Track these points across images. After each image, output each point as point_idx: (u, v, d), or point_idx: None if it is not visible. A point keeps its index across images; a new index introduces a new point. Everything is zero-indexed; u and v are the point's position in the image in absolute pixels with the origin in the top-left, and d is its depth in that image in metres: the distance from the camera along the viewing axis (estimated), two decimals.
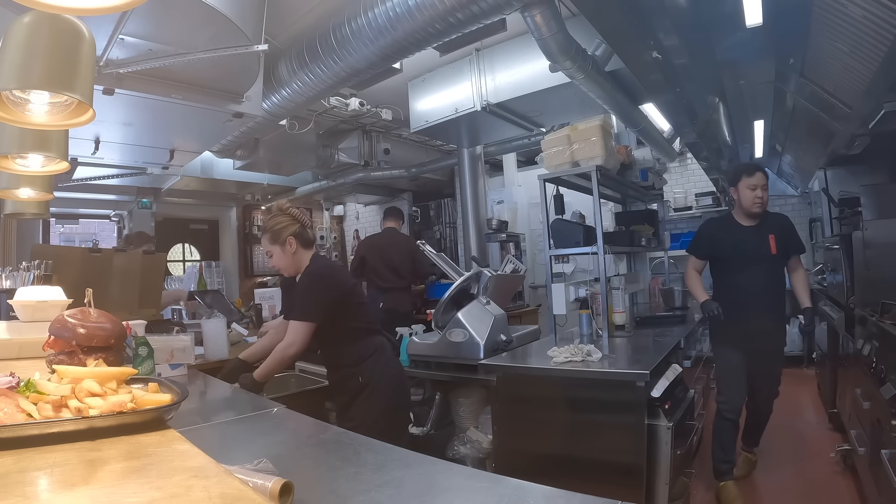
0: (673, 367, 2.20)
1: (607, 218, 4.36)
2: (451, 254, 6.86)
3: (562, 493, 0.88)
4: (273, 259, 2.07)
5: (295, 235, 2.05)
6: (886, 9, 1.72)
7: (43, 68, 0.99)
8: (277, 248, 2.04)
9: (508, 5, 2.20)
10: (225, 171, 5.07)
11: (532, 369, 2.14)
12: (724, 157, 4.95)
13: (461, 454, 2.30)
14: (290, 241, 2.03)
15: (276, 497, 0.83)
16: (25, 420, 0.81)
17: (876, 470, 2.03)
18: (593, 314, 2.62)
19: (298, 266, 2.07)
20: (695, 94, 3.16)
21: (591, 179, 2.79)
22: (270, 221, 2.07)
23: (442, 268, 2.68)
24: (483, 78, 3.56)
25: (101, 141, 3.03)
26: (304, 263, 2.06)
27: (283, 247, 2.04)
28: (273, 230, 2.05)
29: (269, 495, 0.83)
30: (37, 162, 1.48)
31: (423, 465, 1.04)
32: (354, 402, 1.99)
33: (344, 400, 2.04)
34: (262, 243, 2.12)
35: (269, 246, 2.06)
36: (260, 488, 0.84)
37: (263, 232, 2.08)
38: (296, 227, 2.06)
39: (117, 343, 1.23)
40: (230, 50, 2.10)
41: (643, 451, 1.80)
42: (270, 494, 0.83)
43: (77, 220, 6.79)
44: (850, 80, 2.39)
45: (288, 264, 2.06)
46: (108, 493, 0.63)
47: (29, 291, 1.87)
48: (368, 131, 5.32)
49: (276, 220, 2.07)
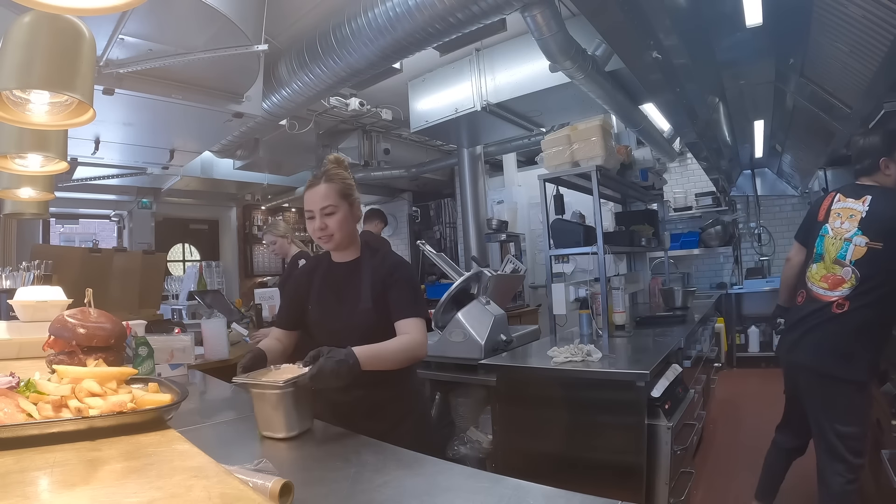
0: (673, 367, 2.20)
1: (607, 218, 4.37)
2: (451, 254, 6.86)
3: (562, 493, 0.88)
4: (334, 219, 1.48)
5: (359, 202, 1.59)
6: (886, 9, 1.72)
7: (43, 68, 0.99)
8: (346, 206, 1.51)
9: (508, 5, 2.20)
10: (225, 171, 5.07)
11: (532, 369, 2.14)
12: (724, 157, 4.95)
13: (461, 454, 2.30)
14: (358, 204, 1.57)
15: (277, 497, 0.83)
16: (25, 420, 0.81)
17: (876, 470, 2.03)
18: (593, 314, 2.62)
19: (353, 240, 1.58)
20: (695, 94, 3.16)
21: (591, 179, 2.79)
22: (339, 170, 1.55)
23: (442, 268, 2.68)
24: (483, 78, 3.56)
25: (101, 141, 3.03)
26: (358, 240, 1.61)
27: (353, 208, 1.53)
28: (346, 182, 1.53)
29: (269, 495, 0.83)
30: (36, 162, 1.48)
31: (423, 465, 1.04)
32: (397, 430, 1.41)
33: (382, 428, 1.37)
34: (313, 196, 1.49)
35: (337, 200, 1.49)
36: (260, 488, 0.84)
37: (326, 179, 1.50)
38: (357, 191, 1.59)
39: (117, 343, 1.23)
40: (230, 50, 2.10)
41: (643, 451, 1.80)
42: (270, 494, 0.83)
43: (77, 220, 6.78)
44: (850, 80, 2.39)
45: (348, 232, 1.53)
46: (108, 493, 0.63)
47: (29, 291, 1.87)
48: (368, 131, 5.32)
49: (342, 172, 1.55)
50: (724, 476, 2.67)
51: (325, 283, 1.58)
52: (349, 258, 1.58)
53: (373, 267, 1.53)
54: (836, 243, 2.07)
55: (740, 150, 5.51)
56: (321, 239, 1.51)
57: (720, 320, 4.76)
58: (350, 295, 1.53)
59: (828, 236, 2.10)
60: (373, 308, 1.48)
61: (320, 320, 1.57)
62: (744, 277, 5.93)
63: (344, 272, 1.57)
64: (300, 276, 1.67)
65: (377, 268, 1.53)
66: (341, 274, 1.57)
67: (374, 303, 1.48)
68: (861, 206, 2.05)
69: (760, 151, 5.38)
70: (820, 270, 2.11)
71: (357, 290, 1.52)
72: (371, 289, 1.50)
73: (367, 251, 1.58)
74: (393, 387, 1.50)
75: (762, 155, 5.51)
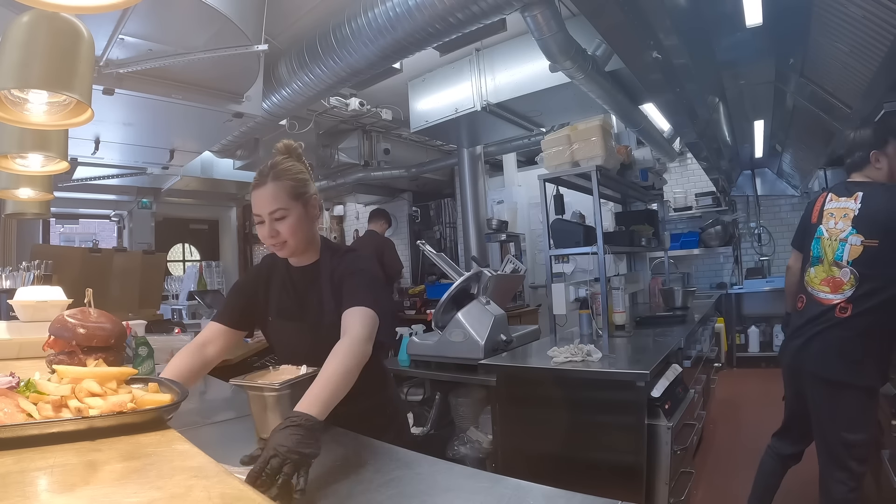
0: (673, 367, 2.20)
1: (607, 218, 4.36)
2: (451, 254, 6.86)
3: (562, 493, 0.88)
4: (285, 223, 1.29)
5: (317, 196, 1.40)
6: (886, 9, 1.72)
7: (41, 68, 0.99)
8: (299, 206, 1.32)
9: (508, 5, 2.20)
10: (225, 171, 5.08)
11: (532, 369, 2.14)
12: (724, 157, 4.96)
13: (461, 454, 2.30)
14: (314, 202, 1.37)
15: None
16: (25, 420, 0.81)
17: (876, 470, 2.03)
18: (593, 314, 2.62)
19: (311, 241, 1.39)
20: (695, 94, 3.16)
21: (591, 179, 2.79)
22: (288, 164, 1.34)
23: (442, 268, 2.68)
24: (483, 78, 3.56)
25: (101, 141, 3.03)
26: (317, 242, 1.42)
27: (307, 207, 1.34)
28: (297, 178, 1.33)
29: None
30: (36, 162, 1.49)
31: (423, 465, 1.04)
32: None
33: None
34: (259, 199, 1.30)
35: (288, 202, 1.29)
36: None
37: (274, 178, 1.30)
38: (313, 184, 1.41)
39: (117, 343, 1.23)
40: (230, 50, 2.10)
41: (643, 451, 1.80)
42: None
43: (77, 220, 6.79)
44: (850, 80, 2.39)
45: (304, 235, 1.34)
46: (107, 493, 0.63)
47: (29, 291, 1.87)
48: (368, 131, 5.32)
49: (294, 165, 1.35)
50: (724, 476, 2.67)
51: (285, 291, 1.41)
52: (307, 262, 1.41)
53: (331, 269, 1.37)
54: (832, 244, 2.02)
55: (740, 150, 5.51)
56: (274, 246, 1.33)
57: (720, 320, 4.76)
58: (311, 307, 1.36)
59: (823, 238, 2.06)
60: (336, 314, 1.28)
61: (283, 339, 1.42)
62: (744, 277, 5.93)
63: (302, 279, 1.40)
64: (256, 279, 1.47)
65: (335, 267, 1.36)
66: (300, 281, 1.41)
67: (336, 309, 1.29)
68: (854, 204, 1.99)
69: (760, 151, 5.38)
70: (819, 274, 2.06)
71: (318, 296, 1.36)
72: (333, 297, 1.33)
73: (328, 252, 1.41)
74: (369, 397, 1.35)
75: (762, 155, 5.51)
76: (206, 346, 1.37)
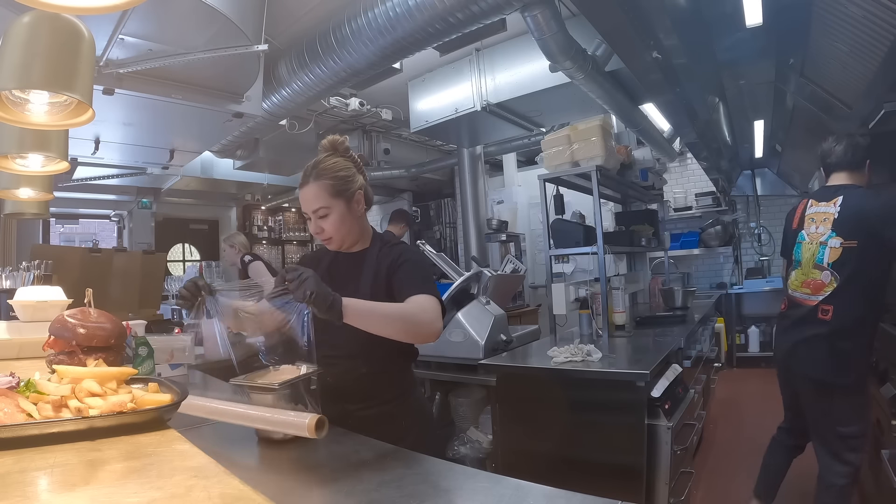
0: (673, 367, 2.20)
1: (607, 218, 4.36)
2: (451, 254, 6.86)
3: (562, 493, 0.88)
4: (328, 221, 1.34)
5: (363, 190, 1.41)
6: (886, 9, 1.72)
7: (42, 68, 0.99)
8: (342, 203, 1.34)
9: (508, 5, 2.20)
10: (225, 171, 5.08)
11: (532, 369, 2.14)
12: (724, 157, 4.96)
13: (461, 454, 2.30)
14: (358, 197, 1.39)
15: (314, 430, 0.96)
16: (25, 420, 0.81)
17: (876, 470, 2.03)
18: (593, 314, 2.62)
19: (360, 234, 1.42)
20: (695, 94, 3.16)
21: (591, 179, 2.79)
22: (331, 163, 1.36)
23: (442, 268, 2.68)
24: (483, 78, 3.56)
25: (101, 141, 3.03)
26: (369, 233, 1.46)
27: (351, 203, 1.36)
28: (338, 175, 1.35)
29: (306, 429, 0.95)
30: (37, 162, 1.49)
31: (423, 465, 1.04)
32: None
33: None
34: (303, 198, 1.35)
35: (329, 200, 1.33)
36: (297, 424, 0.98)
37: (315, 177, 1.34)
38: (361, 177, 1.41)
39: (117, 343, 1.23)
40: (230, 50, 2.10)
41: (643, 451, 1.80)
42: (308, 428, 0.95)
43: (77, 220, 6.79)
44: (850, 80, 2.39)
45: (349, 230, 1.38)
46: (108, 493, 0.63)
47: (29, 291, 1.87)
48: (368, 131, 5.32)
49: (337, 162, 1.37)
50: (724, 476, 2.67)
51: (327, 273, 1.44)
52: (356, 250, 1.45)
53: (378, 257, 1.39)
54: (812, 248, 2.08)
55: (740, 150, 5.51)
56: (323, 241, 1.41)
57: (720, 320, 4.76)
58: (348, 287, 1.33)
59: (804, 242, 2.11)
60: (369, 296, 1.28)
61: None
62: (744, 277, 5.93)
63: (347, 263, 1.44)
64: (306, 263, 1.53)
65: (383, 258, 1.38)
66: (344, 265, 1.45)
67: (371, 292, 1.32)
68: (833, 208, 2.04)
69: (760, 151, 5.38)
70: (799, 276, 2.13)
71: (356, 282, 1.37)
72: (373, 280, 1.35)
73: (378, 242, 1.44)
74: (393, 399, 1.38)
75: (762, 155, 5.51)
76: None
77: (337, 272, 1.44)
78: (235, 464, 0.92)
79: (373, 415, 1.32)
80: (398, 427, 1.32)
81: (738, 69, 3.46)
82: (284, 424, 1.01)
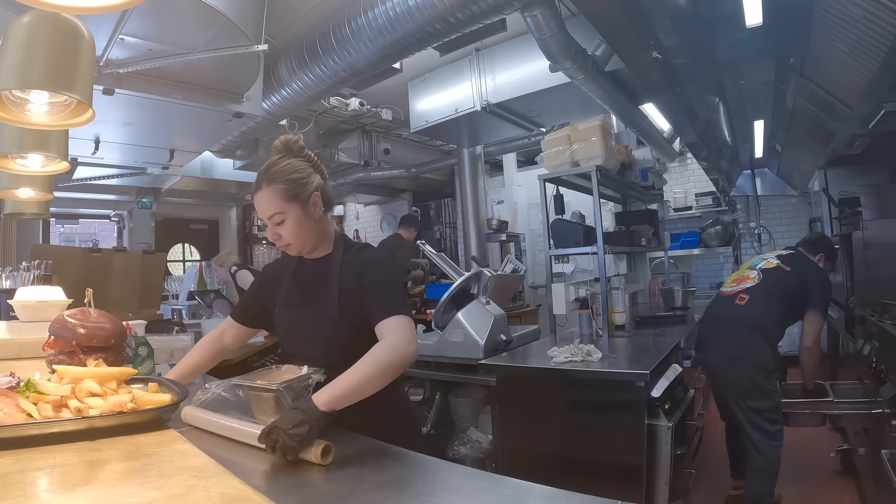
0: (673, 367, 2.19)
1: (607, 218, 4.36)
2: (451, 254, 6.86)
3: (562, 493, 0.88)
4: (284, 227, 1.28)
5: (321, 191, 1.33)
6: (886, 9, 1.72)
7: (42, 68, 0.99)
8: (297, 208, 1.27)
9: (508, 5, 2.20)
10: (225, 171, 5.08)
11: (532, 369, 2.14)
12: (724, 157, 4.95)
13: (461, 454, 2.30)
14: (315, 200, 1.31)
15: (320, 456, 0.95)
16: (25, 420, 0.81)
17: (876, 470, 2.03)
18: (593, 314, 2.62)
19: (322, 238, 1.36)
20: (695, 94, 3.16)
21: (591, 179, 2.79)
22: (283, 165, 1.29)
23: (442, 268, 2.68)
24: (483, 78, 3.56)
25: (101, 141, 3.03)
26: (330, 236, 1.39)
27: (307, 207, 1.29)
28: (291, 178, 1.27)
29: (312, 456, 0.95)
30: (36, 162, 1.49)
31: (423, 465, 1.04)
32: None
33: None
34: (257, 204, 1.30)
35: (283, 205, 1.26)
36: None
37: (268, 181, 1.27)
38: (318, 177, 1.33)
39: (117, 343, 1.23)
40: (230, 50, 2.10)
41: (643, 451, 1.80)
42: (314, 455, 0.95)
43: (77, 220, 6.79)
44: (850, 80, 2.39)
45: (308, 234, 1.32)
46: (108, 493, 0.63)
47: (29, 291, 1.87)
48: (368, 131, 5.32)
49: (290, 164, 1.30)
50: (724, 476, 2.67)
51: (294, 283, 1.41)
52: (320, 255, 1.39)
53: (343, 263, 1.34)
54: (753, 260, 2.61)
55: (740, 150, 5.51)
56: (282, 248, 1.35)
57: None
58: (317, 298, 1.35)
59: (750, 259, 2.66)
60: (338, 313, 1.28)
61: (288, 329, 1.41)
62: None
63: (312, 271, 1.39)
64: (269, 274, 1.51)
65: (348, 264, 1.33)
66: (309, 273, 1.39)
67: (340, 307, 1.29)
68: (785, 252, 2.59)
69: (760, 151, 5.37)
70: (732, 277, 2.65)
71: (324, 291, 1.33)
72: (339, 290, 1.30)
73: (342, 246, 1.38)
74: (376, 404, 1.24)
75: (762, 155, 5.51)
76: (223, 335, 1.50)
77: (304, 280, 1.40)
78: (235, 464, 0.92)
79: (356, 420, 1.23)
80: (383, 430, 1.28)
81: (738, 69, 3.46)
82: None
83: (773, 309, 2.37)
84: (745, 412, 2.32)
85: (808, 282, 2.40)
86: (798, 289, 2.39)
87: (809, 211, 5.64)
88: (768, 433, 2.29)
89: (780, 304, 2.38)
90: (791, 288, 2.39)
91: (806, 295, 2.38)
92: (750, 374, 2.30)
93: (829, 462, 2.83)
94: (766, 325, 2.35)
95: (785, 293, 2.38)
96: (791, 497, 2.51)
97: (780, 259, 2.49)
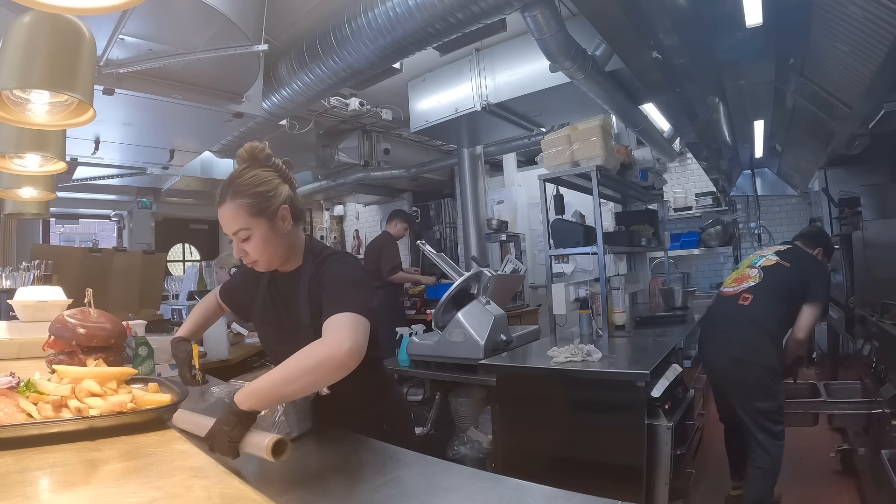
0: (673, 367, 2.19)
1: (607, 218, 4.36)
2: (451, 254, 6.86)
3: (562, 493, 0.88)
4: (251, 243, 1.21)
5: (289, 203, 1.26)
6: (886, 9, 1.72)
7: (43, 68, 0.99)
8: (263, 223, 1.20)
9: (508, 5, 2.20)
10: (225, 171, 5.07)
11: (532, 369, 2.14)
12: (724, 157, 4.95)
13: (461, 454, 2.30)
14: (283, 213, 1.24)
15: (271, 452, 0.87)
16: (25, 420, 0.81)
17: (876, 470, 2.03)
18: (593, 314, 2.62)
19: (291, 252, 1.30)
20: (695, 94, 3.16)
21: (591, 179, 2.79)
22: (248, 177, 1.21)
23: (442, 268, 2.68)
24: (483, 78, 3.56)
25: (101, 141, 3.03)
26: (300, 248, 1.33)
27: (275, 221, 1.22)
28: (257, 192, 1.20)
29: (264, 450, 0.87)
30: (34, 162, 1.49)
31: (423, 465, 1.04)
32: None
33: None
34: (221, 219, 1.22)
35: (248, 220, 1.19)
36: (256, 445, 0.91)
37: (232, 195, 1.19)
38: (286, 188, 1.27)
39: (117, 343, 1.23)
40: (230, 50, 2.10)
41: (643, 451, 1.80)
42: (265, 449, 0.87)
43: (77, 220, 6.79)
44: (850, 80, 2.39)
45: (275, 250, 1.25)
46: (108, 493, 0.63)
47: (29, 291, 1.87)
48: (368, 131, 5.32)
49: (256, 175, 1.22)
50: (724, 476, 2.66)
51: (269, 296, 1.37)
52: (291, 268, 1.33)
53: (310, 277, 1.27)
54: (752, 258, 2.58)
55: (740, 150, 5.51)
56: (250, 265, 1.27)
57: None
58: (291, 315, 1.31)
59: (749, 257, 2.63)
60: (311, 325, 1.21)
61: (269, 345, 1.45)
62: None
63: (284, 285, 1.34)
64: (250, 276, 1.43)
65: (313, 277, 1.25)
66: (282, 287, 1.35)
67: (312, 319, 1.22)
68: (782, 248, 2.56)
69: (760, 151, 5.38)
70: (732, 276, 2.61)
71: (296, 305, 1.29)
72: (309, 303, 1.25)
73: (310, 258, 1.31)
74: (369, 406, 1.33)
75: (762, 155, 5.51)
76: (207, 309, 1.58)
77: (277, 294, 1.36)
78: (235, 464, 0.92)
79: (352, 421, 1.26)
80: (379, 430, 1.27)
81: (738, 69, 3.46)
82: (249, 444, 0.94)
83: (777, 309, 2.35)
84: (750, 413, 2.30)
85: (808, 277, 2.39)
86: (799, 286, 2.38)
87: (809, 211, 5.64)
88: (772, 433, 2.28)
89: (784, 304, 2.36)
90: (793, 286, 2.38)
91: (806, 290, 2.37)
92: (758, 377, 2.28)
93: (829, 462, 2.83)
94: (772, 325, 2.33)
95: (787, 292, 2.37)
96: (791, 497, 2.51)
97: (778, 255, 2.48)
